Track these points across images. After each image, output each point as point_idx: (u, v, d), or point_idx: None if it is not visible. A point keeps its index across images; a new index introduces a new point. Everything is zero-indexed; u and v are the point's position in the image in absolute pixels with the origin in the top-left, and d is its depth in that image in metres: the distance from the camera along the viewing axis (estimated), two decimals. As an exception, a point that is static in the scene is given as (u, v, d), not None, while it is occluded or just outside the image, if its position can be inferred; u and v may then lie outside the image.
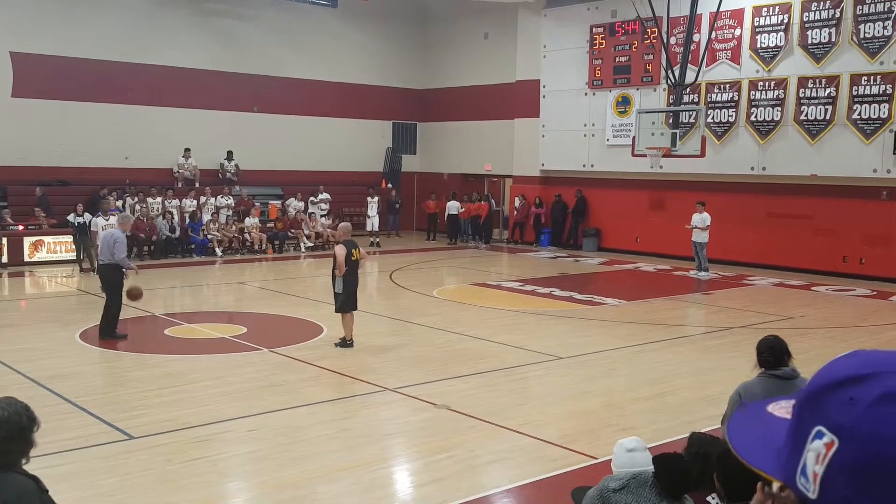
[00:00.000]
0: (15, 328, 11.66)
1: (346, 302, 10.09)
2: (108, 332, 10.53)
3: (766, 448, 1.00)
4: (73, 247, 17.21)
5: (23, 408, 2.98)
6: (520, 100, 23.56)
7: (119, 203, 18.18)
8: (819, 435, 0.92)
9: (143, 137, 21.35)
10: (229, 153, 22.85)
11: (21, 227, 17.85)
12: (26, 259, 17.50)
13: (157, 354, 9.92)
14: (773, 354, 4.70)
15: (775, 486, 1.02)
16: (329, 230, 21.76)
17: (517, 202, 23.62)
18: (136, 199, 19.55)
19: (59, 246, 17.69)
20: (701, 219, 16.98)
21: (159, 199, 20.01)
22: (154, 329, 11.60)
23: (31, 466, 3.19)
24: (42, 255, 17.73)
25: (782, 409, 1.05)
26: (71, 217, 16.77)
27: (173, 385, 8.53)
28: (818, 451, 0.92)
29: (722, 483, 2.87)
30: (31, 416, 2.98)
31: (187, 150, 21.98)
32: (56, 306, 13.49)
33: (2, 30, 19.37)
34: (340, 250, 10.00)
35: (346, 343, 10.16)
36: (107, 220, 14.11)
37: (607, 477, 3.31)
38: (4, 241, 17.26)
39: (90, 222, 14.03)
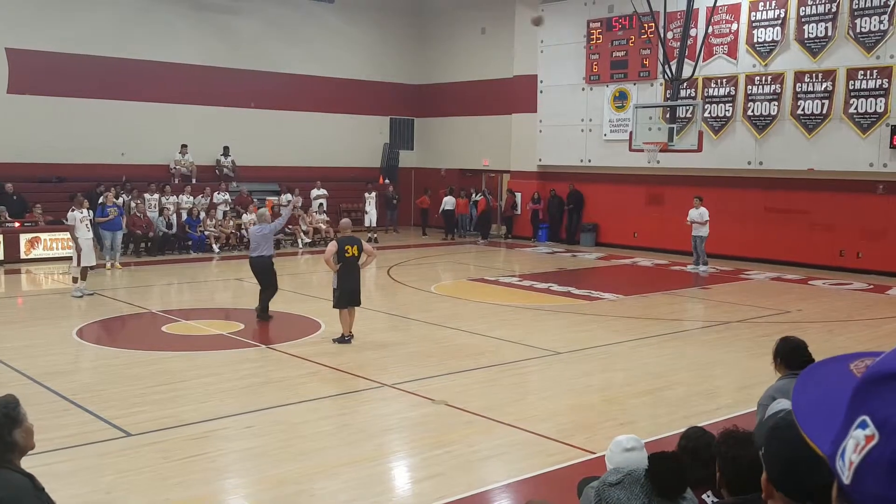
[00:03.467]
0: (11, 325, 11.63)
1: (341, 298, 10.10)
2: (264, 315, 11.56)
3: (825, 413, 0.95)
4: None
5: (0, 405, 2.89)
6: (517, 95, 23.54)
7: (118, 200, 18.09)
8: (863, 425, 0.88)
9: (140, 133, 21.30)
10: (225, 148, 22.80)
11: (17, 224, 17.80)
12: (22, 256, 17.45)
13: (154, 351, 9.90)
14: (804, 355, 4.57)
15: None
16: (325, 225, 21.75)
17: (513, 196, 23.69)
18: (130, 195, 19.49)
19: (56, 243, 17.63)
20: (699, 213, 16.97)
21: (157, 196, 19.96)
22: (151, 326, 11.58)
23: (29, 464, 3.16)
24: (38, 252, 17.68)
25: (864, 368, 0.99)
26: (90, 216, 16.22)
27: (171, 382, 8.52)
28: (858, 440, 0.88)
29: (724, 474, 2.85)
30: (9, 413, 2.88)
31: (184, 146, 21.94)
32: (52, 303, 13.45)
33: (-3, 26, 19.31)
34: (331, 247, 10.16)
35: (343, 339, 10.15)
36: (82, 214, 13.88)
37: (609, 471, 3.30)
38: (0, 237, 17.20)
39: (68, 217, 13.77)
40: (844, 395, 0.95)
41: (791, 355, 4.53)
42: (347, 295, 10.12)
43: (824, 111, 17.56)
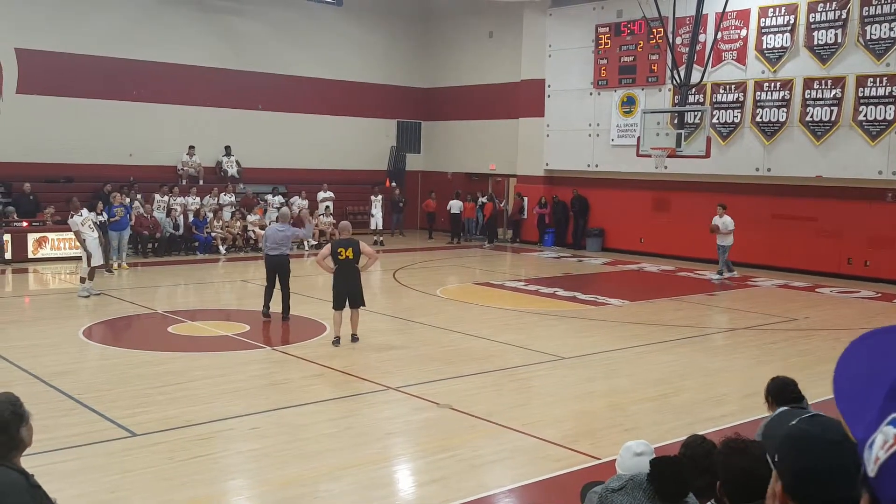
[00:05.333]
0: (18, 325, 11.68)
1: (335, 300, 10.19)
2: (286, 315, 11.64)
3: (865, 393, 0.92)
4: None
5: (9, 402, 2.90)
6: (524, 99, 23.54)
7: (126, 200, 18.14)
8: (894, 422, 0.86)
9: (148, 135, 21.37)
10: (227, 148, 22.81)
11: (25, 224, 17.88)
12: (30, 256, 17.53)
13: (160, 352, 9.92)
14: (793, 391, 4.56)
15: None
16: (331, 228, 21.78)
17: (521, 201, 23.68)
18: (137, 196, 19.53)
19: (63, 243, 17.69)
20: (722, 223, 16.74)
21: (166, 198, 20.02)
22: (157, 326, 11.61)
23: (34, 462, 3.17)
24: (46, 252, 17.75)
25: None
26: (92, 216, 16.10)
27: (176, 382, 8.53)
28: (887, 437, 0.86)
29: (724, 483, 2.84)
30: (16, 410, 2.89)
31: (191, 147, 22.00)
32: (59, 303, 13.50)
33: (7, 26, 19.40)
34: (325, 249, 10.36)
35: (335, 341, 10.15)
36: (81, 217, 13.87)
37: (613, 476, 3.31)
38: (8, 237, 17.27)
39: (69, 222, 13.72)
40: (888, 377, 0.91)
41: (780, 393, 4.57)
42: (341, 297, 10.14)
43: (833, 118, 17.50)
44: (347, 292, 10.14)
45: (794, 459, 1.33)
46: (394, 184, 25.50)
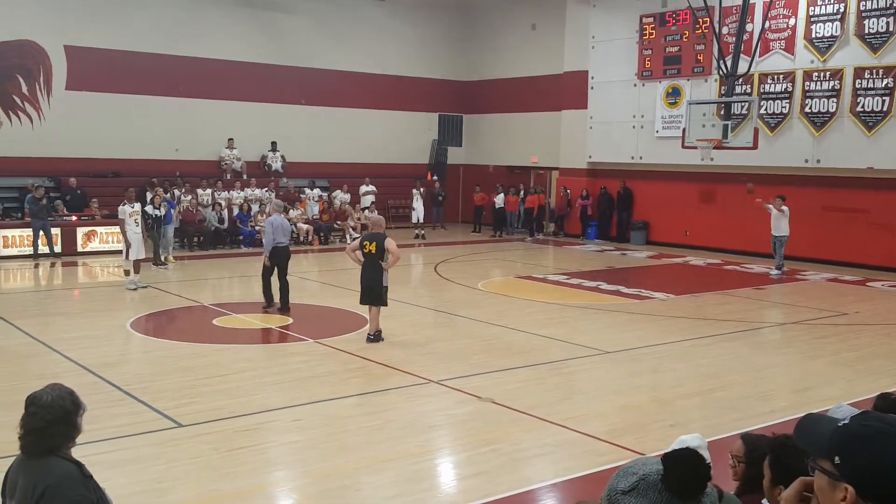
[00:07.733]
0: (68, 317, 11.95)
1: (360, 294, 10.14)
2: (286, 306, 11.83)
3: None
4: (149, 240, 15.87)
5: (67, 392, 3.00)
6: (567, 91, 23.32)
7: (168, 195, 18.45)
8: None
9: (193, 130, 21.70)
10: (273, 144, 23.07)
11: (74, 218, 18.29)
12: (79, 249, 17.94)
13: (205, 344, 10.05)
14: None
15: None
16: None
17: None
18: (183, 189, 19.84)
19: (111, 237, 18.05)
20: (776, 213, 16.24)
21: (209, 191, 20.32)
22: (203, 319, 11.77)
23: (83, 452, 3.22)
24: (95, 246, 18.15)
25: None
26: (149, 209, 16.19)
27: (221, 374, 8.63)
28: None
29: (775, 478, 2.77)
30: (75, 400, 2.99)
31: (230, 140, 22.29)
32: (108, 296, 13.78)
33: (57, 24, 19.84)
34: (354, 242, 10.52)
35: (370, 337, 10.12)
36: (133, 208, 14.15)
37: (617, 474, 3.15)
38: (58, 231, 17.69)
39: (118, 210, 14.14)
40: None
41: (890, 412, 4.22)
42: (362, 291, 10.08)
43: (885, 108, 16.99)
44: (366, 286, 10.02)
45: (869, 458, 1.26)
46: (435, 177, 25.48)
